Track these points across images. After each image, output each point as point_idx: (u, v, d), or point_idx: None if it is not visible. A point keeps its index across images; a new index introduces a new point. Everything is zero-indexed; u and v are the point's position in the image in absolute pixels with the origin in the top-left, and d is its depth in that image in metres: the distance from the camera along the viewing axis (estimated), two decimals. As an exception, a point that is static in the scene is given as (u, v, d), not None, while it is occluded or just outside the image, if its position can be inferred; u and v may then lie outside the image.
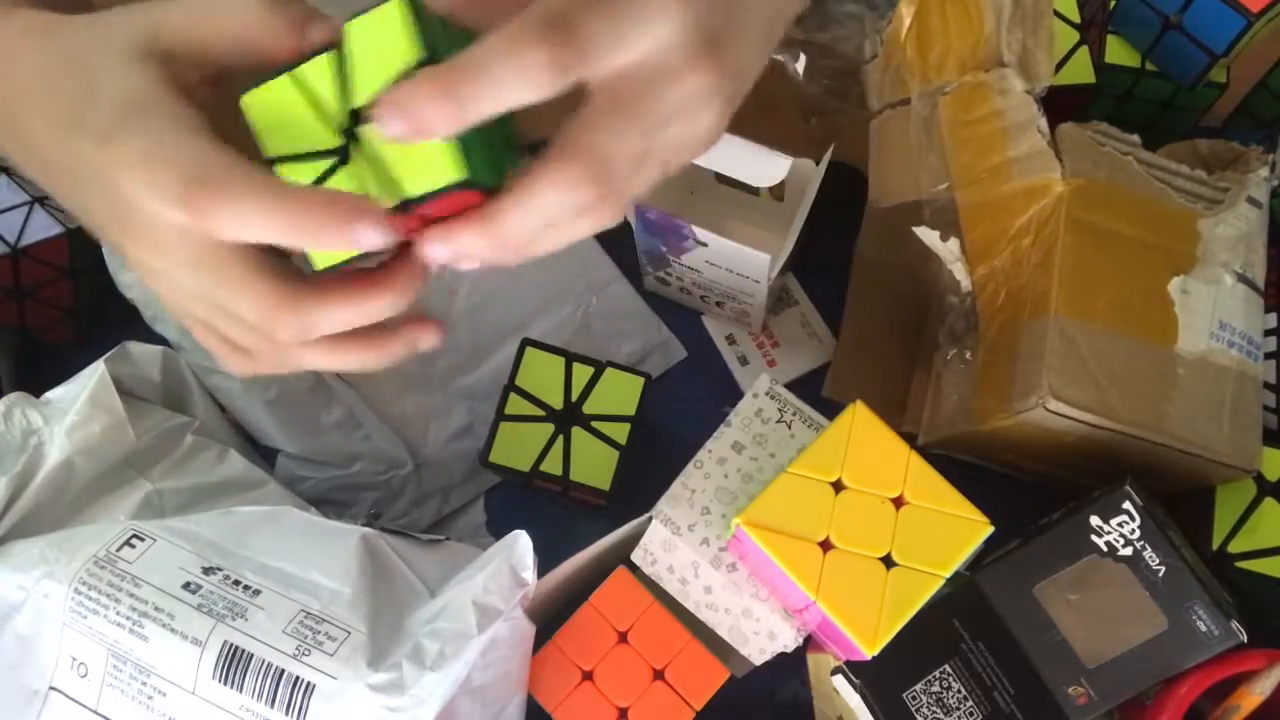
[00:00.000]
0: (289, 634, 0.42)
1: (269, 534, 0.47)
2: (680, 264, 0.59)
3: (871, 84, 0.61)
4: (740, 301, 0.60)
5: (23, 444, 0.48)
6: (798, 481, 0.45)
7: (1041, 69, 0.51)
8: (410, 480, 0.58)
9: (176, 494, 0.50)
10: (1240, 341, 0.50)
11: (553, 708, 0.49)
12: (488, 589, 0.43)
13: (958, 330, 0.57)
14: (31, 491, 0.46)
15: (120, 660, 0.42)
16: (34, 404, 0.49)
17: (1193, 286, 0.50)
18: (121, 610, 0.42)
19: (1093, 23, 0.62)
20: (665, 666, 0.49)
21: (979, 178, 0.53)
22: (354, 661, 0.42)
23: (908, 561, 0.44)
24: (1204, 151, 0.56)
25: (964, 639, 0.47)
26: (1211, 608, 0.45)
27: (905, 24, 0.55)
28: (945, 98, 0.53)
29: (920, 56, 0.54)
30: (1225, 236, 0.51)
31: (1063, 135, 0.52)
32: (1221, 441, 0.48)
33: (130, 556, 0.44)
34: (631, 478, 0.54)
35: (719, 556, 0.49)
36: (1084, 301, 0.49)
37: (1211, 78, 0.62)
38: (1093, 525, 0.47)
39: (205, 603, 0.43)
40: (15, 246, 0.56)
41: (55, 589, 0.43)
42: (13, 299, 0.57)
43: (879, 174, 0.58)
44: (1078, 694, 0.45)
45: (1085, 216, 0.50)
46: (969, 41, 0.52)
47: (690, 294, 0.62)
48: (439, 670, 0.41)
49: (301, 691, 0.41)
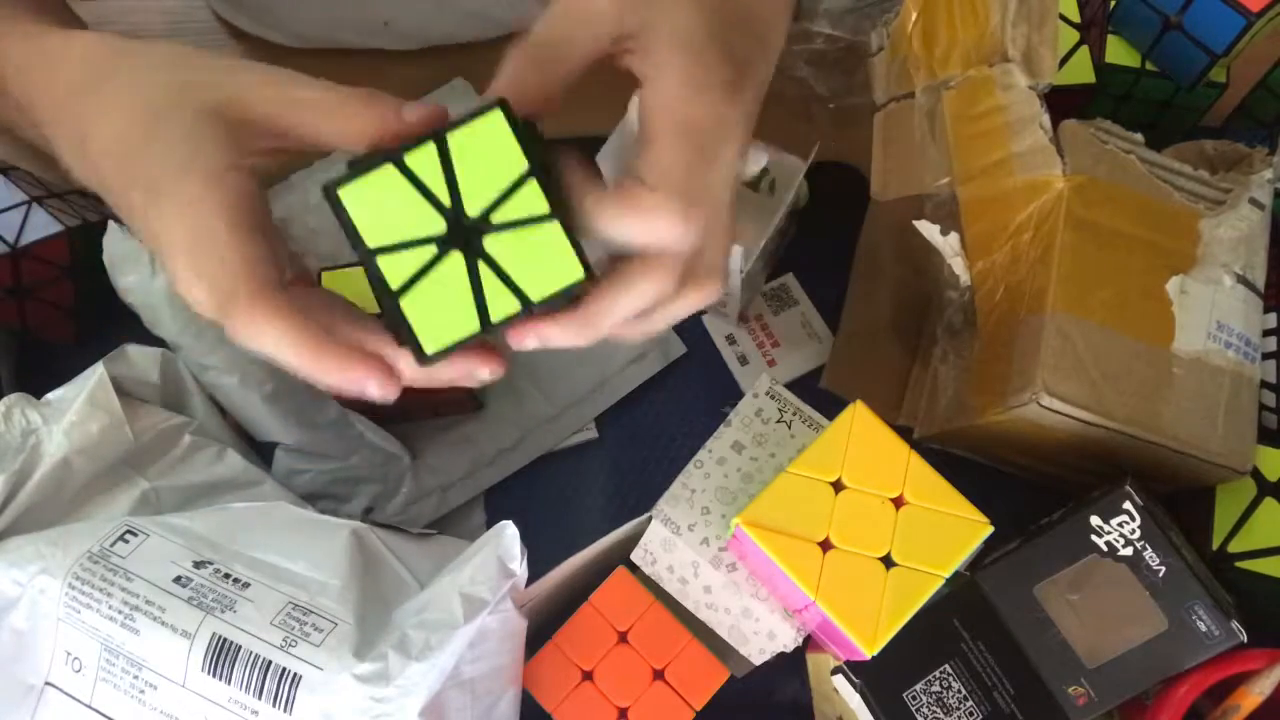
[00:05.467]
0: (277, 625, 0.42)
1: (260, 528, 0.47)
2: None
3: (877, 77, 0.61)
4: None
5: (21, 443, 0.48)
6: (797, 481, 0.45)
7: (1045, 65, 0.51)
8: (408, 475, 0.58)
9: (173, 492, 0.51)
10: (1238, 343, 0.50)
11: (553, 708, 0.49)
12: (474, 579, 0.43)
13: (956, 325, 0.57)
14: (29, 489, 0.46)
15: (113, 654, 0.42)
16: (33, 404, 0.49)
17: (1191, 286, 0.50)
18: (114, 604, 0.42)
19: (1093, 23, 0.62)
20: (665, 666, 0.49)
21: (980, 173, 0.53)
22: (340, 652, 0.42)
23: (907, 561, 0.44)
24: (1209, 152, 0.56)
25: (964, 639, 0.47)
26: (1211, 608, 0.45)
27: (912, 17, 0.55)
28: (949, 92, 0.53)
29: (926, 50, 0.54)
30: (1226, 237, 0.51)
31: (1065, 132, 0.52)
32: (1215, 442, 0.48)
33: (123, 551, 0.44)
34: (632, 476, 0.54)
35: (719, 556, 0.49)
36: (1082, 298, 0.49)
37: (1211, 78, 0.62)
38: (1093, 525, 0.47)
39: (195, 595, 0.43)
40: (15, 246, 0.56)
41: (50, 584, 0.43)
42: (13, 299, 0.57)
43: (882, 167, 0.58)
44: (1078, 694, 0.45)
45: (1085, 214, 0.50)
46: (974, 36, 0.52)
47: None
48: (424, 660, 0.41)
49: (288, 682, 0.41)
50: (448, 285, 0.37)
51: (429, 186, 0.37)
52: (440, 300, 0.37)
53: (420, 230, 0.37)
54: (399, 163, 0.36)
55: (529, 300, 0.38)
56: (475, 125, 0.36)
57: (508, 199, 0.37)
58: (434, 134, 0.36)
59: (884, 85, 0.60)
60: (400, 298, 0.37)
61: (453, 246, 0.37)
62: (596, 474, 0.60)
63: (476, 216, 0.37)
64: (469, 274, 0.37)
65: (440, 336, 0.37)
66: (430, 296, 0.37)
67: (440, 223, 0.37)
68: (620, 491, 0.59)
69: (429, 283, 0.37)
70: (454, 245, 0.37)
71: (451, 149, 0.36)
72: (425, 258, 0.37)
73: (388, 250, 0.37)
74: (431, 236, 0.37)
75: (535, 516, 0.57)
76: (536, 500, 0.60)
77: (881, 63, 0.60)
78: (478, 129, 0.36)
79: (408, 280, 0.37)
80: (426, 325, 0.37)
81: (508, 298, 0.38)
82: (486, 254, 0.37)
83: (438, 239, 0.37)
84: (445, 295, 0.37)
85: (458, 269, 0.37)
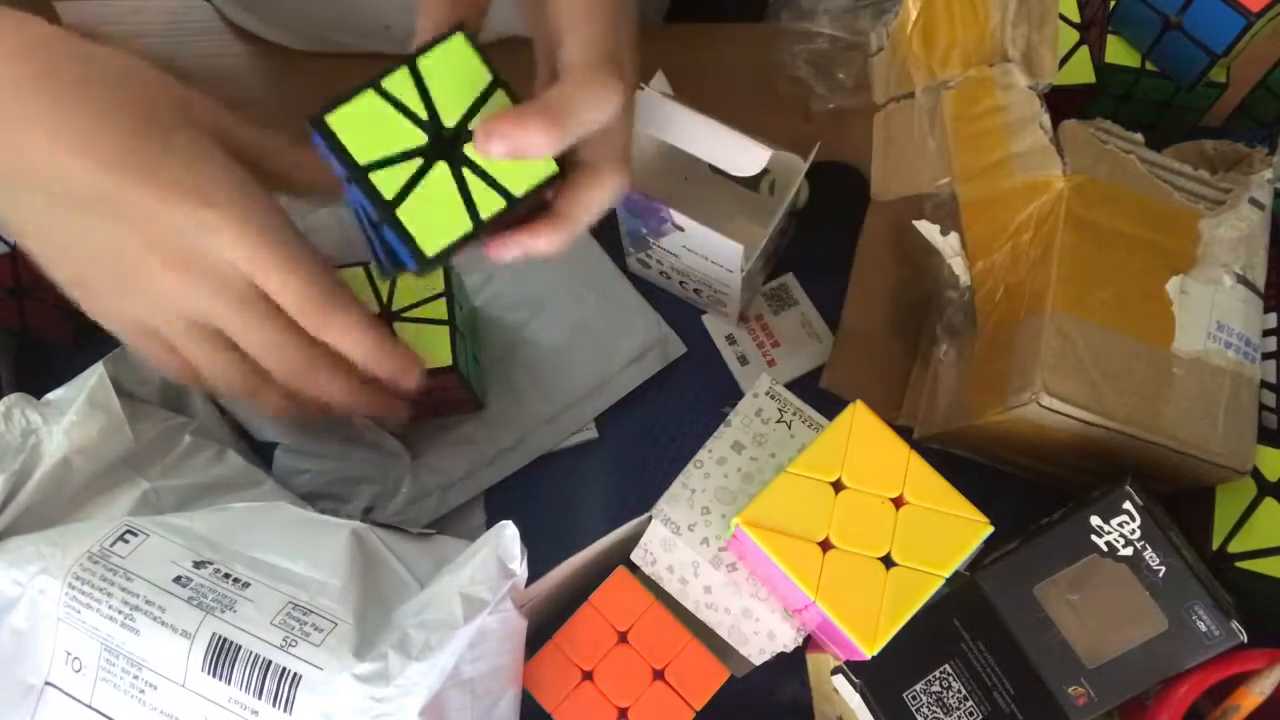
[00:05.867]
0: (277, 625, 0.42)
1: (260, 528, 0.47)
2: (660, 247, 0.59)
3: (877, 77, 0.61)
4: (716, 290, 0.60)
5: (21, 443, 0.48)
6: (797, 481, 0.45)
7: (1045, 65, 0.52)
8: (407, 475, 0.58)
9: (174, 492, 0.51)
10: (1238, 343, 0.50)
11: (553, 708, 0.49)
12: (474, 580, 0.43)
13: (956, 325, 0.57)
14: (29, 490, 0.46)
15: (113, 654, 0.42)
16: (33, 404, 0.49)
17: (1191, 286, 0.50)
18: (114, 604, 0.42)
19: (1093, 23, 0.62)
20: (665, 666, 0.49)
21: (980, 173, 0.53)
22: (340, 651, 0.42)
23: (907, 561, 0.44)
24: (1210, 152, 0.56)
25: (964, 639, 0.47)
26: (1211, 608, 0.45)
27: (912, 17, 0.55)
28: (949, 92, 0.53)
29: (926, 50, 0.54)
30: (1226, 237, 0.51)
31: (1065, 132, 0.52)
32: (1215, 442, 0.48)
33: (123, 551, 0.44)
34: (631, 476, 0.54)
35: (719, 556, 0.49)
36: (1081, 298, 0.49)
37: (1211, 78, 0.62)
38: (1093, 525, 0.47)
39: (195, 595, 0.43)
40: (15, 246, 0.56)
41: (50, 584, 0.43)
42: (13, 299, 0.57)
43: (882, 167, 0.58)
44: (1078, 694, 0.45)
45: (1085, 214, 0.50)
46: (974, 35, 0.52)
47: (670, 279, 0.62)
48: (424, 660, 0.41)
49: (288, 682, 0.41)
50: (438, 191, 0.41)
51: (407, 105, 0.41)
52: (433, 205, 0.41)
53: (405, 144, 0.41)
54: (378, 87, 0.40)
55: (512, 196, 0.41)
56: (441, 48, 0.41)
57: (479, 107, 0.41)
58: (406, 59, 0.41)
59: (884, 85, 0.60)
60: (396, 208, 0.41)
61: (437, 157, 0.41)
62: (596, 474, 0.60)
63: (454, 126, 0.41)
64: (455, 179, 0.41)
65: (437, 239, 0.41)
66: (423, 203, 0.41)
67: (422, 136, 0.41)
68: (620, 491, 0.59)
69: (421, 191, 0.41)
70: (438, 155, 0.41)
71: (423, 70, 0.41)
72: (413, 169, 0.41)
73: (378, 166, 0.40)
74: (416, 148, 0.41)
75: (535, 516, 0.57)
76: (536, 500, 0.60)
77: (881, 63, 0.60)
78: (444, 50, 0.41)
79: (400, 191, 0.41)
80: (424, 229, 0.41)
81: (493, 196, 0.41)
82: (469, 159, 0.41)
83: (422, 150, 0.41)
84: (437, 200, 0.41)
85: (444, 176, 0.41)
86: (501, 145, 0.39)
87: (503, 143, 0.39)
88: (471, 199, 0.41)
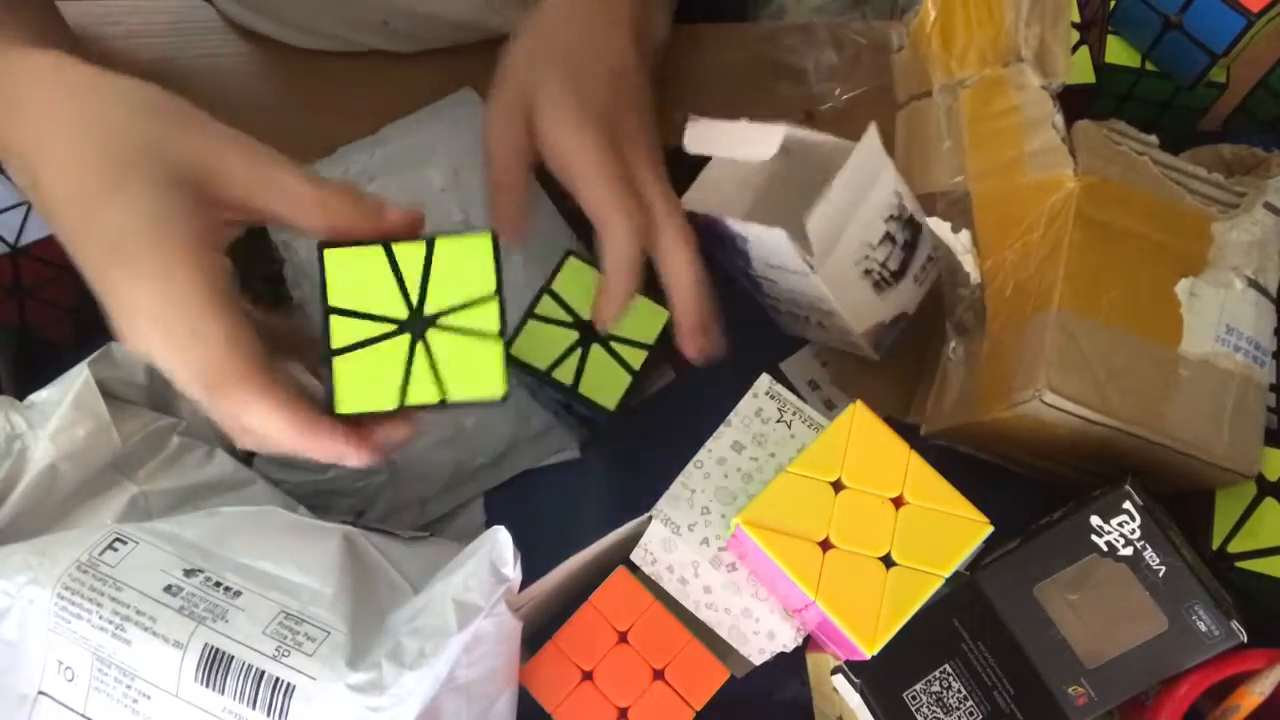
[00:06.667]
0: (269, 635, 0.42)
1: (251, 534, 0.47)
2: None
3: (898, 75, 0.61)
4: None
5: (6, 449, 0.47)
6: (797, 481, 0.45)
7: (1059, 64, 0.52)
8: (385, 488, 0.58)
9: (163, 495, 0.50)
10: (1247, 346, 0.50)
11: (553, 708, 0.49)
12: (468, 586, 0.43)
13: (966, 322, 0.56)
14: (16, 497, 0.46)
15: (105, 664, 0.42)
16: (17, 408, 0.48)
17: (1201, 289, 0.50)
18: (104, 614, 0.42)
19: (1093, 23, 0.62)
20: (665, 666, 0.49)
21: (993, 171, 0.53)
22: (333, 661, 0.41)
23: (907, 561, 0.44)
24: (1227, 156, 0.56)
25: (964, 639, 0.47)
26: (1212, 608, 0.45)
27: (930, 16, 0.55)
28: (966, 91, 0.53)
29: (944, 49, 0.54)
30: (1239, 241, 0.51)
31: (1078, 132, 0.52)
32: (1221, 445, 0.48)
33: (113, 560, 0.43)
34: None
35: (719, 556, 0.49)
36: (1089, 297, 0.49)
37: (1211, 78, 0.62)
38: (1093, 525, 0.46)
39: (186, 605, 0.42)
40: (15, 246, 0.56)
41: (40, 594, 0.42)
42: (13, 298, 0.57)
43: (903, 165, 0.58)
44: (1078, 694, 0.45)
45: (1096, 213, 0.50)
46: (989, 34, 0.52)
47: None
48: (419, 669, 0.40)
49: (282, 693, 0.41)
50: (383, 361, 0.42)
51: (405, 276, 0.41)
52: (370, 371, 0.42)
53: (382, 309, 0.42)
54: (388, 248, 0.41)
55: (445, 397, 0.41)
56: (465, 239, 0.42)
57: (467, 309, 0.42)
58: (427, 236, 0.42)
59: (904, 83, 0.60)
60: (335, 357, 0.42)
61: (404, 331, 0.42)
62: (597, 474, 0.60)
63: (434, 313, 0.42)
64: (407, 357, 0.42)
65: (356, 402, 0.42)
66: (363, 365, 0.42)
67: (403, 309, 0.42)
68: (620, 491, 0.59)
69: (368, 353, 0.42)
70: (405, 330, 0.42)
71: (437, 251, 0.42)
72: (375, 332, 0.42)
73: (343, 314, 0.41)
74: (390, 317, 0.42)
75: (536, 517, 0.57)
76: (537, 501, 0.60)
77: (902, 61, 0.60)
78: (466, 243, 0.42)
79: (349, 345, 0.42)
80: (348, 388, 0.41)
81: (429, 388, 0.42)
82: (428, 343, 0.42)
83: (397, 320, 0.42)
84: (377, 368, 0.42)
85: (399, 350, 0.42)
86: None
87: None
88: (409, 381, 0.42)
